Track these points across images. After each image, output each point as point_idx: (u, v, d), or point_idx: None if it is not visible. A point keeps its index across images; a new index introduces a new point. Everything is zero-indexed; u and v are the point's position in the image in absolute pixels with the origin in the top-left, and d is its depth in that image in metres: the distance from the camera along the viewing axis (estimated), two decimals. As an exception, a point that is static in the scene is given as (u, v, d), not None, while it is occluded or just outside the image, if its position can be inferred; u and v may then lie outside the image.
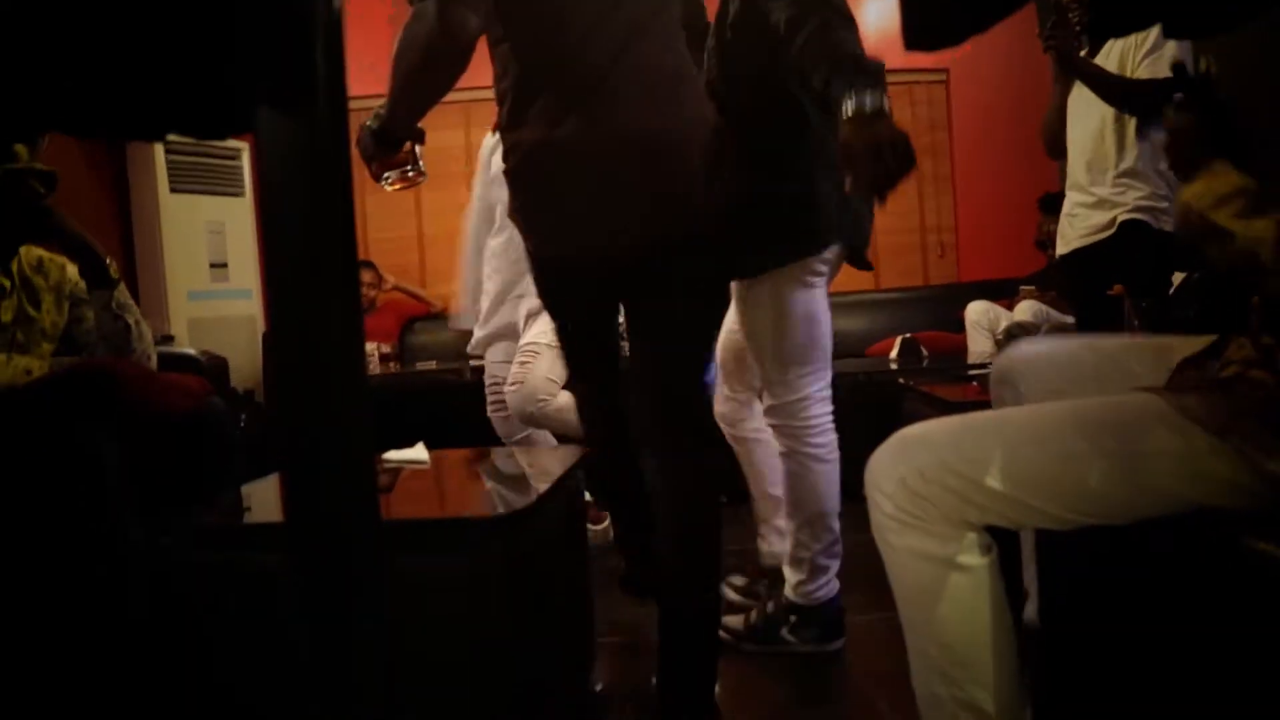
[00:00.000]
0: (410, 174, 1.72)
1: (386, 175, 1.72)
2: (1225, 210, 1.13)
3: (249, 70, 0.48)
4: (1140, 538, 1.11)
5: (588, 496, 3.20)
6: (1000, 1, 0.72)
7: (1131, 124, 2.54)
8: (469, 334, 3.40)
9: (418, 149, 1.72)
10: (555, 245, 1.65)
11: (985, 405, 1.47)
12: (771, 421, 2.19)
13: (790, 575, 2.18)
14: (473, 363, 3.99)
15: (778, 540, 2.44)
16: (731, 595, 2.46)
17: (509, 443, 3.18)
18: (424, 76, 1.54)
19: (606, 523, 3.30)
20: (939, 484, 1.10)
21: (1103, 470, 1.06)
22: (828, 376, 2.16)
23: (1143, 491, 1.06)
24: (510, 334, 3.16)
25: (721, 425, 2.30)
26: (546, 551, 1.65)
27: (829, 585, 2.15)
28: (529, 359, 2.98)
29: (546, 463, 2.03)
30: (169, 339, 4.18)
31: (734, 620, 2.22)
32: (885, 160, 1.35)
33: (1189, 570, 1.12)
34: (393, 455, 1.96)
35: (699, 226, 1.60)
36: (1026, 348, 1.47)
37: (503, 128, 1.61)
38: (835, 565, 2.16)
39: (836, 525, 2.16)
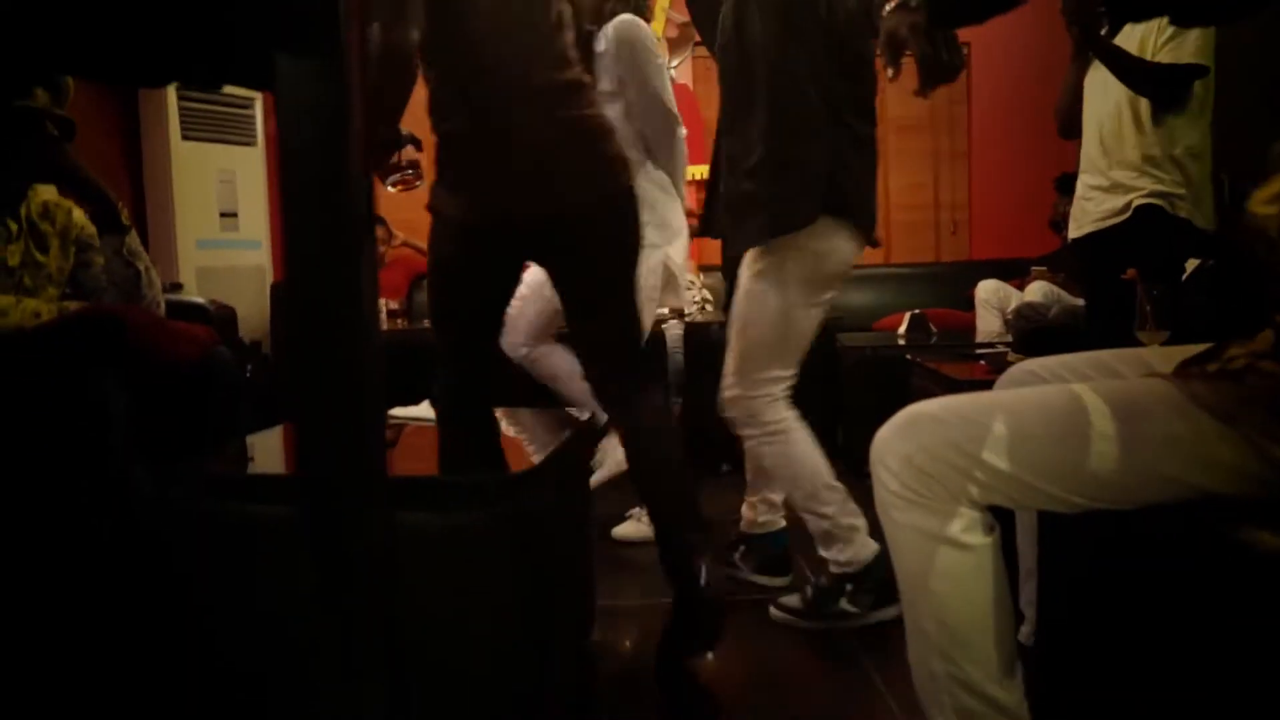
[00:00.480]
0: (409, 176, 1.95)
1: (389, 179, 1.95)
2: (1263, 203, 1.15)
3: (270, 18, 0.47)
4: (1142, 528, 1.11)
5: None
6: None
7: (1147, 108, 2.51)
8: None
9: (415, 155, 1.95)
10: (480, 211, 1.84)
11: (992, 384, 1.47)
12: (731, 412, 2.19)
13: (826, 553, 2.18)
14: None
15: (766, 511, 2.46)
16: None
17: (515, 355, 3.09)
18: (383, 88, 1.76)
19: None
20: (945, 462, 1.10)
21: (1109, 453, 1.06)
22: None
23: (1149, 476, 1.06)
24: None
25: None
26: (551, 511, 1.65)
27: (865, 545, 2.14)
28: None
29: (554, 424, 2.04)
30: (178, 287, 4.17)
31: (791, 600, 2.23)
32: (930, 42, 1.35)
33: (1190, 560, 1.12)
34: (399, 412, 1.97)
35: (601, 199, 1.84)
36: (1031, 365, 1.46)
37: (432, 126, 1.85)
38: (861, 522, 2.15)
39: (837, 482, 2.16)
